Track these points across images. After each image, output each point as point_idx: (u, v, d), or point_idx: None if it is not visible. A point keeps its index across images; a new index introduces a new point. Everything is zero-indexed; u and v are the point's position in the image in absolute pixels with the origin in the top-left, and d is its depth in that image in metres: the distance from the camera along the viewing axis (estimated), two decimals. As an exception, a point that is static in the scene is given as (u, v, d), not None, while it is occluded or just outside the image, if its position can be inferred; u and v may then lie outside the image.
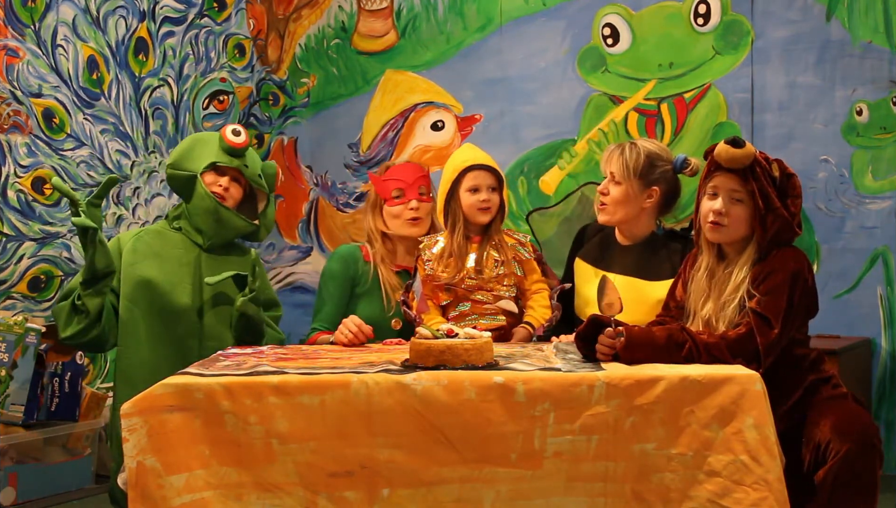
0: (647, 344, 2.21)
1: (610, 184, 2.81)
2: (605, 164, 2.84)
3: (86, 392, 3.82)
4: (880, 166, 3.62)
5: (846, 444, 2.20)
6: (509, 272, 2.84)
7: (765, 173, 2.34)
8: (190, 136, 3.03)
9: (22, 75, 3.90)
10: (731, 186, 2.37)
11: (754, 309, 2.28)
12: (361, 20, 4.85)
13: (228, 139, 2.87)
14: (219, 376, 2.11)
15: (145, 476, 2.01)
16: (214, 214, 2.84)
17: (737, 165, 2.34)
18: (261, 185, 2.95)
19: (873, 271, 3.63)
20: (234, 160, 2.88)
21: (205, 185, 2.84)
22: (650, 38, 4.07)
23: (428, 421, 2.03)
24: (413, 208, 2.97)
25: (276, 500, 2.04)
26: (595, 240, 2.97)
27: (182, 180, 2.89)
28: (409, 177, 3.00)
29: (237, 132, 2.89)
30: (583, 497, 2.03)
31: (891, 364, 3.60)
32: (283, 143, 5.09)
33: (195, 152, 2.90)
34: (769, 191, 2.34)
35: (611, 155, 2.84)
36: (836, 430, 2.23)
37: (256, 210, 2.99)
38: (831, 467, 2.20)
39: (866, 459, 2.21)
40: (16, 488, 3.47)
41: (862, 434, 2.23)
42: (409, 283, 2.93)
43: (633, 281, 2.77)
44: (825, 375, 2.42)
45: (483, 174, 2.87)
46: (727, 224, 2.37)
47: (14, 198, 3.88)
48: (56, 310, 2.78)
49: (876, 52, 3.63)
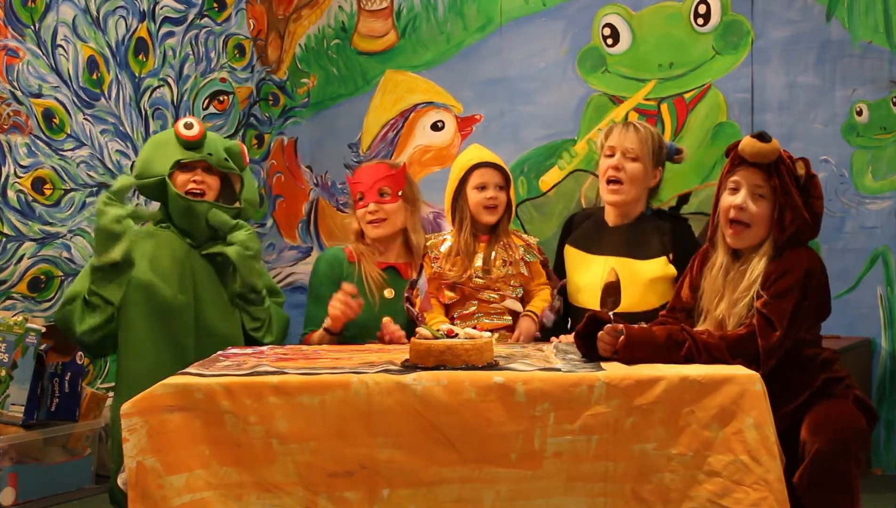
0: (647, 344, 2.20)
1: (625, 161, 2.78)
2: (619, 140, 2.79)
3: (86, 392, 3.82)
4: (880, 166, 3.62)
5: (816, 443, 2.16)
6: (517, 272, 2.84)
7: (788, 171, 2.32)
8: (147, 143, 3.01)
9: (22, 75, 3.90)
10: (754, 181, 2.33)
11: (760, 309, 2.26)
12: (361, 20, 4.85)
13: (182, 134, 2.86)
14: (219, 376, 2.11)
15: (145, 476, 2.01)
16: (190, 213, 2.85)
17: (762, 160, 2.31)
18: (230, 168, 2.95)
19: (873, 271, 3.63)
20: (195, 153, 2.87)
21: (177, 186, 2.85)
22: (650, 38, 4.07)
23: (428, 421, 2.03)
24: (371, 211, 2.96)
25: (276, 500, 2.04)
26: (584, 227, 2.95)
27: (153, 187, 2.89)
28: (369, 180, 2.99)
29: (189, 125, 2.88)
30: (583, 497, 2.04)
31: (891, 364, 3.60)
32: (283, 143, 5.08)
33: (156, 156, 2.89)
34: (791, 189, 2.31)
35: (624, 131, 2.80)
36: (811, 428, 2.20)
37: (235, 192, 3.00)
38: (805, 466, 2.17)
39: (837, 459, 2.15)
40: (16, 488, 3.47)
41: (834, 433, 2.17)
42: (413, 280, 2.93)
43: (625, 261, 2.76)
44: (838, 375, 2.38)
45: (490, 172, 2.87)
46: (746, 219, 2.33)
47: (14, 198, 3.87)
48: (64, 313, 2.79)
49: (876, 52, 3.62)
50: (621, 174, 2.78)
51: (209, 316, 2.85)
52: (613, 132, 2.84)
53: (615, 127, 2.86)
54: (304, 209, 5.00)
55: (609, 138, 2.84)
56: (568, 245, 2.95)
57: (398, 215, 3.00)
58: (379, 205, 2.97)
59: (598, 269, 2.79)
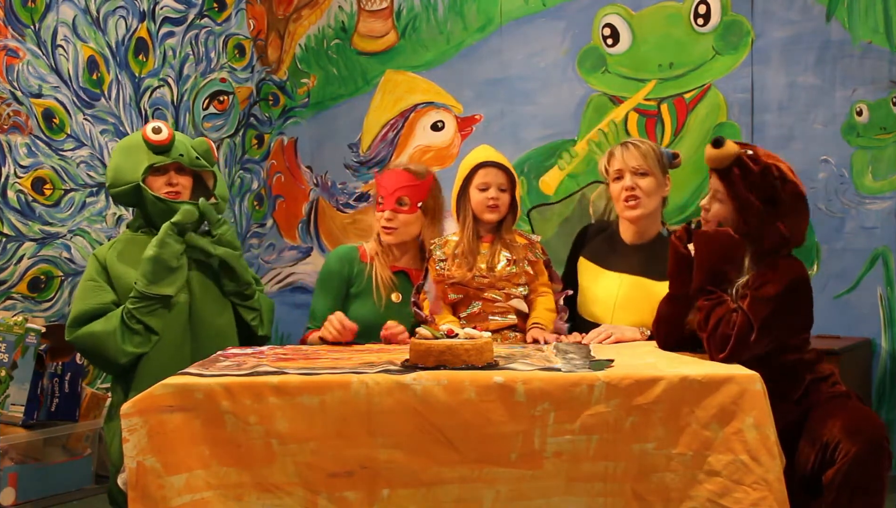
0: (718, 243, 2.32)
1: (636, 178, 2.81)
2: (620, 162, 2.83)
3: (86, 392, 3.82)
4: (880, 166, 3.62)
5: (856, 445, 2.19)
6: (521, 271, 2.84)
7: (745, 176, 2.34)
8: (115, 149, 2.96)
9: (22, 75, 3.90)
10: (714, 185, 2.43)
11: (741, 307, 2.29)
12: (361, 20, 4.85)
13: (151, 139, 2.85)
14: (219, 376, 2.11)
15: (145, 477, 2.01)
16: (172, 214, 2.84)
17: (716, 165, 2.38)
18: (202, 166, 2.95)
19: (873, 271, 3.63)
20: (165, 157, 2.87)
21: (153, 190, 2.85)
22: (650, 38, 4.07)
23: (428, 420, 2.03)
24: (386, 218, 2.97)
25: (276, 500, 2.04)
26: (598, 240, 2.98)
27: (128, 194, 2.87)
28: (391, 186, 2.98)
29: (157, 129, 2.86)
30: (583, 497, 2.03)
31: (891, 364, 3.60)
32: (283, 144, 5.09)
33: (128, 162, 2.87)
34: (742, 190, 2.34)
35: (625, 152, 2.84)
36: (846, 431, 2.22)
37: (208, 188, 3.01)
38: (840, 468, 2.19)
39: (876, 461, 2.21)
40: (16, 488, 3.47)
41: (872, 435, 2.22)
42: (419, 285, 2.93)
43: (641, 281, 2.79)
44: (823, 374, 2.42)
45: (494, 172, 2.87)
46: (710, 220, 2.42)
47: (14, 198, 3.88)
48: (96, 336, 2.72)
49: (876, 52, 3.62)
50: (637, 191, 2.81)
51: (204, 311, 2.86)
52: (615, 155, 2.87)
53: (615, 149, 2.88)
54: (304, 209, 5.01)
55: (612, 162, 2.87)
56: (582, 257, 2.97)
57: (413, 226, 2.99)
58: (394, 214, 2.96)
59: (613, 285, 2.84)
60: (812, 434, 2.29)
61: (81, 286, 2.85)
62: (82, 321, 2.76)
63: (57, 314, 4.02)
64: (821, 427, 2.28)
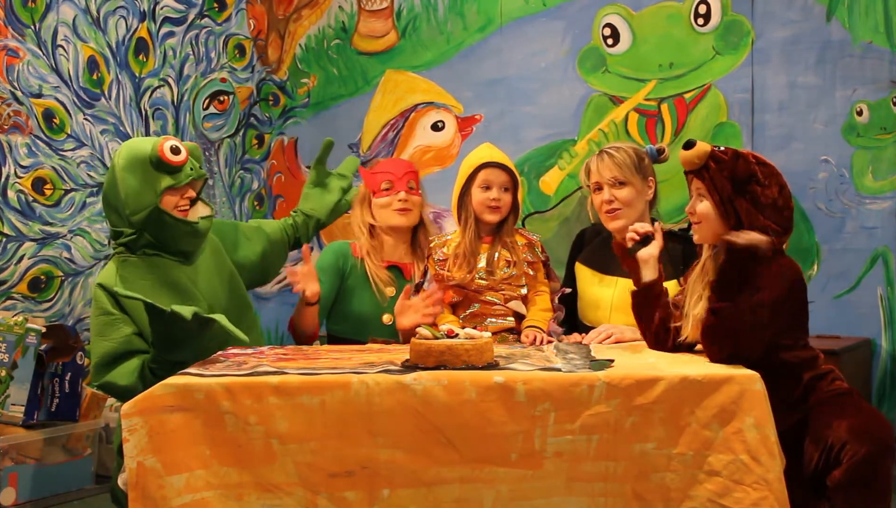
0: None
1: (613, 190, 2.82)
2: (596, 174, 2.86)
3: (86, 392, 3.82)
4: (880, 166, 3.62)
5: (865, 447, 2.18)
6: (521, 273, 2.84)
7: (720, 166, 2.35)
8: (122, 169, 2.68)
9: (22, 75, 3.90)
10: (696, 184, 2.42)
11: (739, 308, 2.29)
12: (362, 20, 4.85)
13: (172, 160, 2.66)
14: (219, 376, 2.11)
15: (145, 477, 2.01)
16: (195, 234, 2.73)
17: (690, 166, 2.39)
18: (203, 176, 2.80)
19: (873, 271, 3.63)
20: (182, 177, 2.69)
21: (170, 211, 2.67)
22: (650, 38, 4.07)
23: (428, 421, 2.03)
24: (402, 199, 2.99)
25: (276, 500, 2.04)
26: (595, 244, 2.98)
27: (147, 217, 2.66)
28: (399, 171, 3.04)
29: (176, 149, 2.68)
30: (583, 497, 2.03)
31: (891, 364, 3.60)
32: (283, 144, 5.09)
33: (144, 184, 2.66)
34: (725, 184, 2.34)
35: (599, 164, 2.86)
36: (854, 432, 2.21)
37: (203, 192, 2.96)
38: (847, 468, 2.18)
39: (884, 461, 2.20)
40: (16, 488, 3.47)
41: (880, 436, 2.22)
42: (418, 283, 2.94)
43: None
44: (821, 371, 2.41)
45: (497, 172, 2.87)
46: (696, 218, 2.41)
47: (14, 198, 3.88)
48: (125, 389, 2.54)
49: (876, 52, 3.62)
50: (615, 204, 2.82)
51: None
52: (591, 167, 2.89)
53: (591, 161, 2.90)
54: (305, 209, 5.00)
55: (591, 175, 2.89)
56: (579, 262, 2.97)
57: (418, 210, 3.07)
58: (408, 195, 3.01)
59: (610, 290, 2.84)
60: (816, 435, 2.28)
61: (96, 322, 2.65)
62: (108, 362, 2.59)
63: (57, 314, 4.02)
64: (825, 428, 2.26)
